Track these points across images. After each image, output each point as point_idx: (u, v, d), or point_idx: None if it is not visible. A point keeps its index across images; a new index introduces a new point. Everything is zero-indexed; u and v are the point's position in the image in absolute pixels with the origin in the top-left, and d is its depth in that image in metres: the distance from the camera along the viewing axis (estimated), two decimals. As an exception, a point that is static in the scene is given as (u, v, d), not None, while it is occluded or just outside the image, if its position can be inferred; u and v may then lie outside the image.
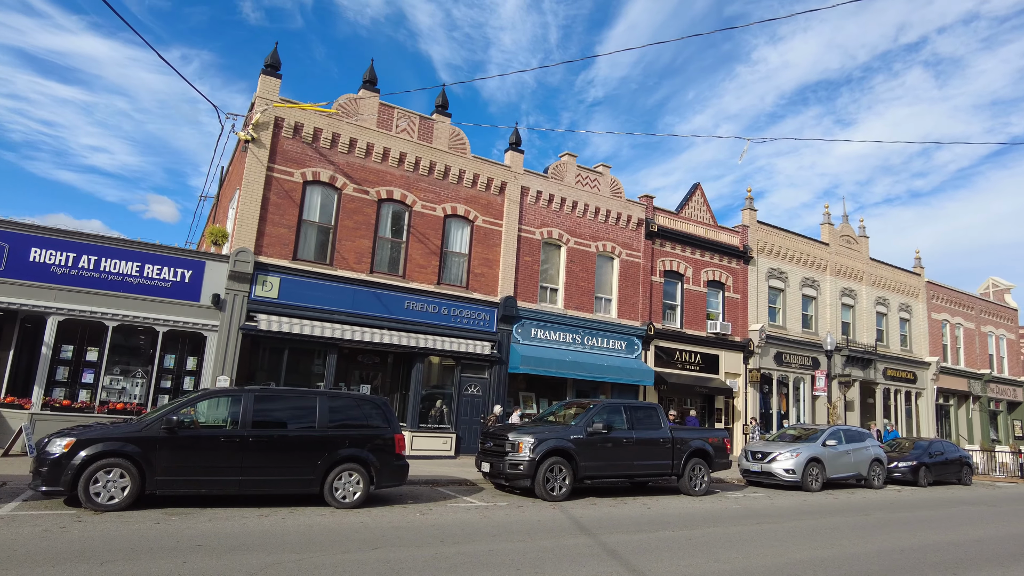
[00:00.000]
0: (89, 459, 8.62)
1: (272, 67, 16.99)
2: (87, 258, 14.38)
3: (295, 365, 16.89)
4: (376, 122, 18.35)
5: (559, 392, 21.18)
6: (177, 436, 9.20)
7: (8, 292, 13.66)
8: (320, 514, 9.50)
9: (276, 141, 16.85)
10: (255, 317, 15.74)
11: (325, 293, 16.88)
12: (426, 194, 19.00)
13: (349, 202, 17.76)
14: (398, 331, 17.65)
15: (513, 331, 19.83)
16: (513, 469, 12.22)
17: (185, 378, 15.47)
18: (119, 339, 14.86)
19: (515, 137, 21.09)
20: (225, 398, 10.16)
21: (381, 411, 11.15)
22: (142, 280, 14.81)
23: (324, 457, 10.14)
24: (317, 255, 17.30)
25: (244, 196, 16.25)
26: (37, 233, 14.11)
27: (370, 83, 18.49)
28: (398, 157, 18.56)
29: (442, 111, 19.63)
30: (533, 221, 20.92)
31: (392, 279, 18.08)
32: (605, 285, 22.53)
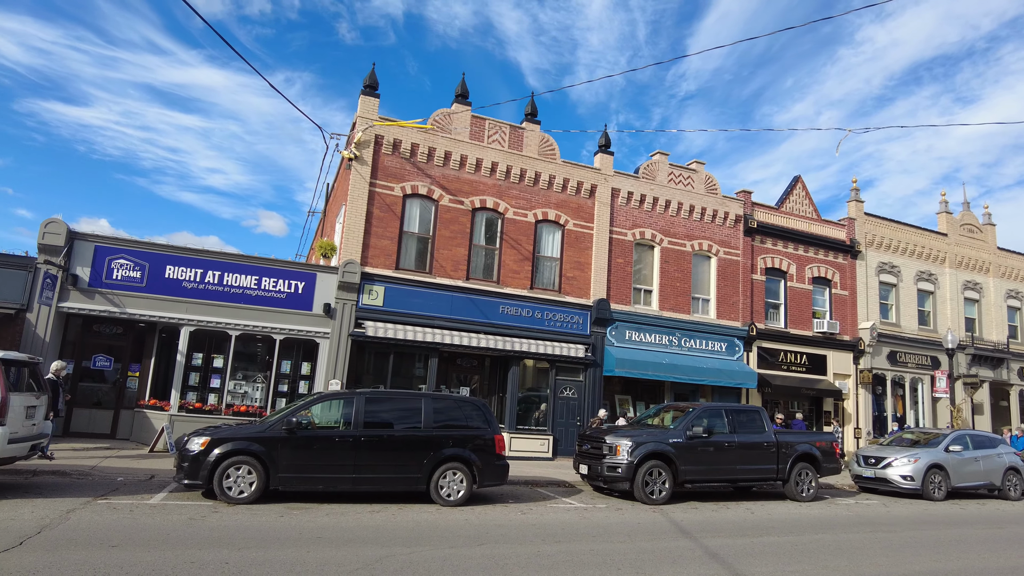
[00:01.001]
0: (221, 456, 9.54)
1: (370, 87, 17.97)
2: (212, 273, 15.80)
3: (399, 368, 17.73)
4: (469, 134, 18.96)
5: (656, 395, 20.94)
6: (296, 436, 9.98)
7: (148, 306, 15.24)
8: (427, 511, 9.99)
9: (377, 158, 17.80)
10: (362, 324, 16.69)
11: (425, 300, 17.63)
12: (517, 201, 19.40)
13: (445, 212, 18.45)
14: (493, 335, 18.11)
15: (607, 334, 19.83)
16: (611, 472, 12.29)
17: (300, 382, 16.63)
18: (241, 347, 16.20)
19: (604, 139, 21.12)
20: (338, 400, 10.90)
21: (481, 412, 11.56)
22: (260, 292, 16.08)
23: (429, 456, 10.65)
24: (417, 264, 18.09)
25: (350, 211, 17.28)
26: (170, 252, 15.66)
27: (462, 96, 19.14)
28: (490, 167, 19.08)
29: (531, 119, 19.98)
30: (625, 222, 20.84)
31: (487, 285, 18.60)
32: (702, 285, 22.07)
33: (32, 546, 6.44)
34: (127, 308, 15.11)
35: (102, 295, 14.97)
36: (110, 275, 15.09)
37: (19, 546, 6.40)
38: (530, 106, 20.08)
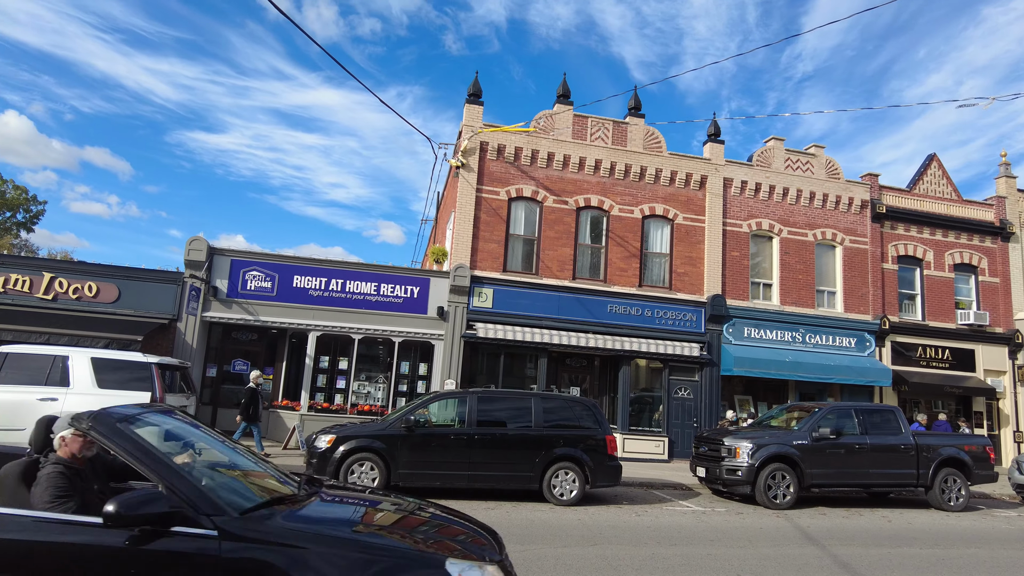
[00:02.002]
0: (346, 453, 10.12)
1: (474, 96, 18.41)
2: (335, 281, 16.81)
3: (511, 368, 18.01)
4: (571, 134, 18.93)
5: (779, 395, 19.87)
6: (414, 434, 10.41)
7: (279, 313, 16.47)
8: (540, 510, 10.07)
9: (482, 164, 18.20)
10: (473, 326, 17.13)
11: (533, 301, 17.79)
12: (623, 197, 19.12)
13: (550, 213, 18.53)
14: (602, 335, 17.94)
15: (723, 331, 19.06)
16: (730, 475, 11.81)
17: (418, 382, 17.32)
18: (364, 349, 17.11)
19: (713, 128, 20.35)
20: (452, 400, 11.26)
21: (591, 412, 11.50)
22: (379, 298, 16.92)
23: (541, 455, 10.73)
24: (524, 265, 18.30)
25: (458, 217, 17.79)
26: (297, 263, 16.84)
27: (564, 97, 19.15)
28: (593, 164, 18.94)
29: (635, 113, 19.63)
30: (739, 214, 19.95)
31: (594, 284, 18.47)
32: (827, 276, 20.69)
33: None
34: (260, 316, 16.41)
35: (239, 304, 16.35)
36: (245, 286, 16.45)
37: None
38: (633, 100, 19.74)
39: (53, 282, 15.44)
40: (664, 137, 19.81)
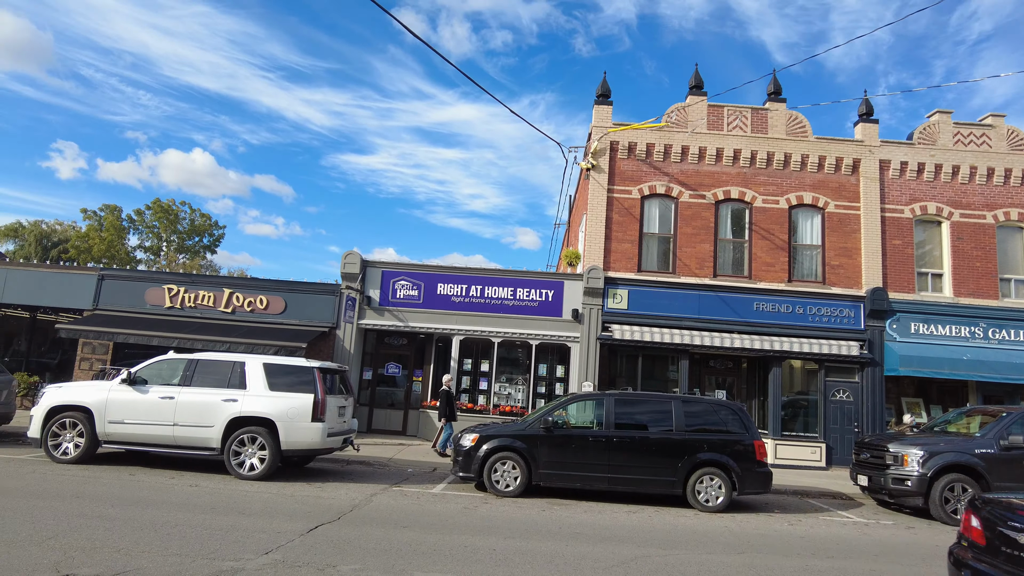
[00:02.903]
0: (489, 452, 10.49)
1: (603, 96, 18.33)
2: (475, 287, 17.47)
3: (650, 371, 17.67)
4: (706, 125, 18.25)
5: (957, 398, 17.75)
6: (553, 435, 10.56)
7: (426, 319, 17.41)
8: (683, 515, 9.81)
9: (613, 164, 18.06)
10: (609, 327, 17.02)
11: (671, 300, 17.33)
12: (766, 188, 18.09)
13: (686, 209, 17.96)
14: (749, 334, 17.06)
15: (886, 327, 17.39)
16: (898, 485, 10.77)
17: (556, 384, 17.52)
18: (503, 352, 17.62)
19: (865, 107, 18.66)
20: (590, 402, 11.30)
21: (738, 417, 11.01)
22: (516, 302, 17.35)
23: (684, 460, 10.45)
24: (660, 264, 17.89)
25: (590, 219, 17.79)
26: (440, 272, 17.72)
27: (696, 88, 18.51)
28: (732, 155, 18.10)
29: (775, 98, 18.51)
30: (899, 198, 18.13)
31: (737, 281, 17.63)
32: (1012, 263, 18.19)
33: (347, 521, 7.79)
34: (409, 322, 17.44)
35: (389, 312, 17.50)
36: (395, 294, 17.57)
37: (338, 520, 7.80)
38: (772, 84, 18.62)
39: (232, 297, 17.48)
40: (809, 121, 18.50)
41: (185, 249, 51.03)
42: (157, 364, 10.95)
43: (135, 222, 50.17)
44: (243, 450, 10.28)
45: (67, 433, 10.65)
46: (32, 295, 18.20)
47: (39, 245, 50.80)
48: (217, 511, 7.79)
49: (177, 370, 10.78)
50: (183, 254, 50.31)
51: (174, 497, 8.48)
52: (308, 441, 10.38)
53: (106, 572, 5.21)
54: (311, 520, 7.64)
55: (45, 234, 52.22)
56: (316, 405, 10.37)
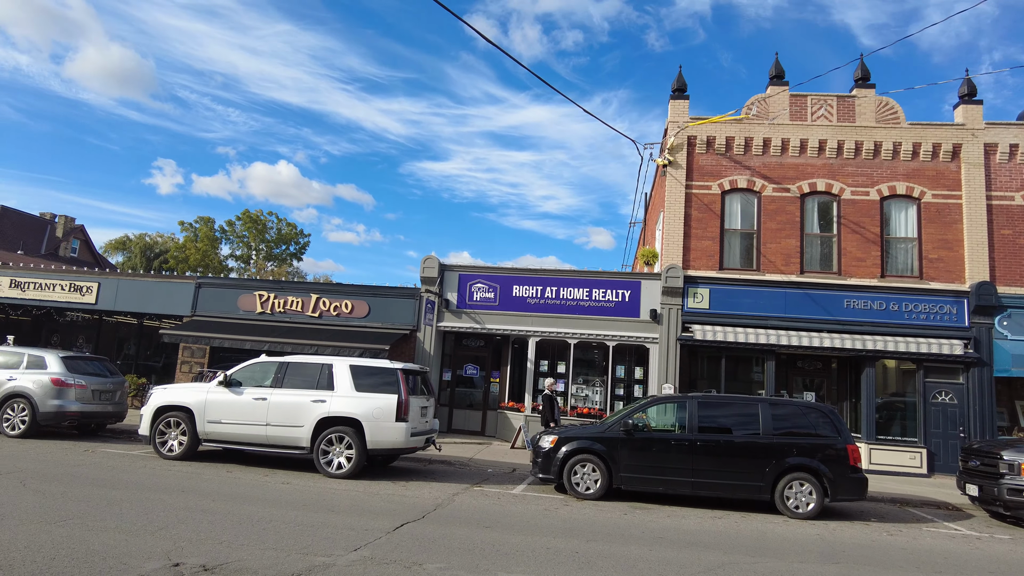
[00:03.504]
0: (568, 454, 10.45)
1: (679, 91, 17.93)
2: (550, 289, 17.46)
3: (732, 372, 17.12)
4: (788, 116, 17.51)
5: (1080, 399, 16.23)
6: (634, 438, 10.40)
7: (502, 321, 17.55)
8: (772, 522, 9.44)
9: (691, 159, 17.62)
10: (689, 328, 16.60)
11: (755, 299, 16.73)
12: (854, 179, 17.16)
13: (769, 203, 17.30)
14: (839, 333, 16.23)
15: (995, 324, 16.12)
16: (1014, 496, 9.97)
17: (634, 386, 17.25)
18: (579, 354, 17.52)
19: (967, 87, 17.38)
20: (671, 404, 11.07)
21: (829, 420, 10.51)
22: (592, 303, 17.21)
23: (771, 465, 10.07)
24: (742, 262, 17.31)
25: (668, 216, 17.42)
26: (515, 274, 17.82)
27: (777, 78, 17.80)
28: (817, 146, 17.29)
29: (863, 83, 17.53)
30: (1008, 184, 16.77)
31: (825, 277, 16.81)
32: None
33: (430, 520, 7.96)
34: (486, 324, 17.63)
35: (467, 314, 17.75)
36: (471, 297, 17.81)
37: (422, 519, 7.97)
38: (860, 70, 17.65)
39: (319, 302, 18.22)
40: (901, 107, 17.42)
41: (273, 257, 53.63)
42: (251, 367, 11.55)
43: (227, 232, 53.18)
44: (331, 449, 10.68)
45: (172, 431, 11.40)
46: (139, 303, 19.60)
47: (143, 256, 54.68)
48: (308, 508, 8.12)
49: (269, 372, 11.33)
50: (271, 262, 52.90)
51: (268, 494, 8.91)
52: (393, 440, 10.67)
53: (211, 563, 5.53)
54: (396, 518, 7.85)
55: (148, 246, 56.17)
56: (400, 405, 10.65)
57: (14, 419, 12.94)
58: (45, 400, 12.92)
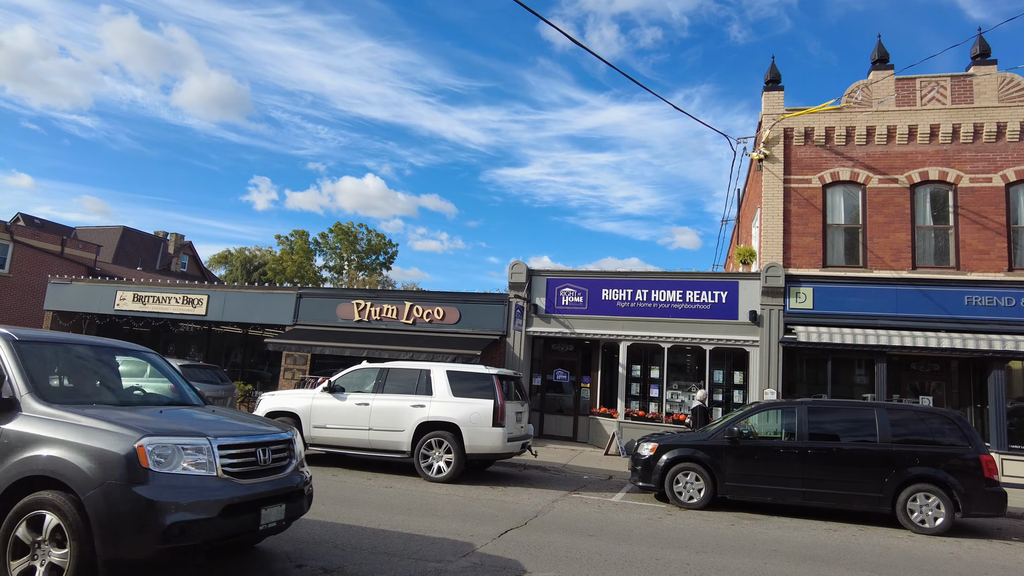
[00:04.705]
0: (670, 462, 10.14)
1: (773, 82, 17.16)
2: (641, 291, 17.09)
3: (836, 376, 16.14)
4: (895, 101, 16.38)
5: None
6: (739, 445, 9.97)
7: (591, 325, 17.35)
8: (894, 536, 8.79)
9: (788, 152, 16.81)
10: (792, 330, 15.79)
11: (862, 298, 15.72)
12: (973, 165, 15.82)
13: (875, 196, 16.23)
14: (959, 332, 14.97)
15: None
16: None
17: (733, 391, 16.59)
18: (673, 358, 17.04)
19: (1106, 60, 15.68)
20: (777, 410, 10.54)
21: (956, 426, 9.69)
22: (685, 305, 16.71)
23: (891, 475, 9.39)
24: (848, 259, 16.31)
25: (765, 213, 16.67)
26: (603, 277, 17.57)
27: (880, 62, 16.70)
28: (928, 132, 16.08)
29: (981, 60, 16.15)
30: None
31: (941, 272, 15.57)
32: None
33: (533, 527, 7.90)
34: (575, 328, 17.48)
35: (556, 319, 17.66)
36: (559, 302, 17.71)
37: (525, 525, 7.93)
38: (978, 46, 16.27)
39: (411, 309, 18.65)
40: (1028, 83, 15.91)
41: (364, 267, 55.57)
42: (353, 373, 11.93)
43: (320, 244, 55.55)
44: (431, 453, 10.85)
45: (281, 435, 11.93)
46: (244, 313, 20.73)
47: (243, 269, 58.02)
48: (413, 512, 8.25)
49: (370, 378, 11.67)
50: (362, 271, 54.85)
51: (373, 497, 9.13)
52: (490, 445, 10.72)
53: (329, 566, 5.69)
54: (499, 524, 7.84)
55: (248, 259, 59.55)
56: (496, 410, 10.69)
57: (141, 423, 13.93)
58: (167, 405, 13.87)
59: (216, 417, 5.53)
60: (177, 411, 5.58)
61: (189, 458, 4.54)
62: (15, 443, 4.49)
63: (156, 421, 4.87)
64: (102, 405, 5.10)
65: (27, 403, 4.66)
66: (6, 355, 4.92)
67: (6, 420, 4.61)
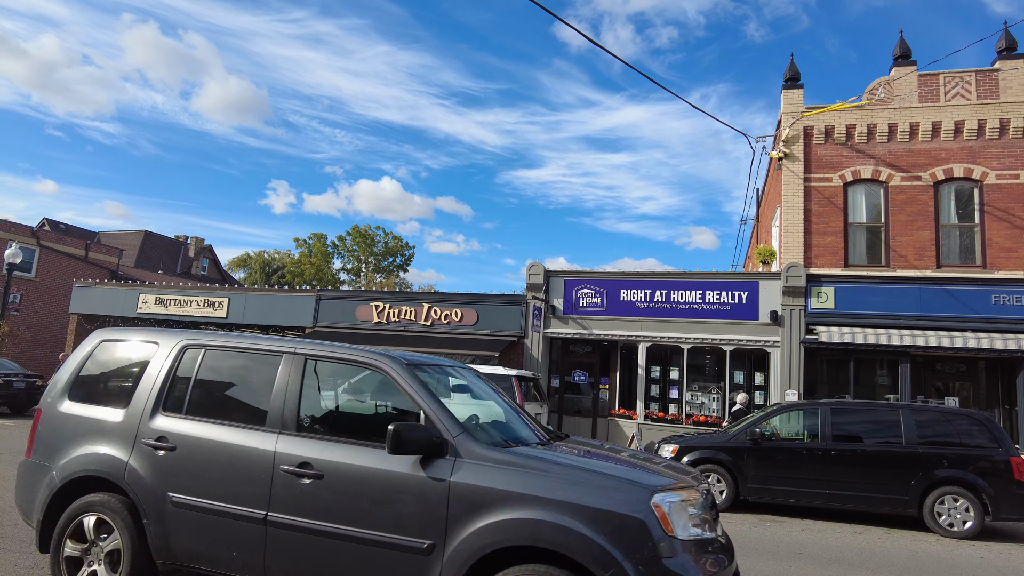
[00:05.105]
0: (691, 464, 10.06)
1: (792, 79, 17.00)
2: (659, 292, 17.00)
3: (858, 376, 15.92)
4: (917, 98, 16.15)
5: None
6: (761, 447, 9.88)
7: (610, 326, 17.28)
8: (922, 540, 8.66)
9: (808, 151, 16.63)
10: (814, 330, 15.61)
11: (885, 297, 15.50)
12: (999, 161, 15.55)
13: (898, 194, 16.01)
14: (986, 332, 14.71)
15: None
16: None
17: (754, 392, 16.43)
18: (693, 359, 16.92)
19: None
20: (799, 412, 10.42)
21: (985, 428, 9.52)
22: (705, 305, 16.58)
23: (917, 477, 9.24)
24: (870, 258, 16.11)
25: (786, 212, 16.51)
26: (622, 278, 17.50)
27: (903, 57, 16.47)
28: (952, 128, 15.82)
29: (1008, 55, 15.85)
30: None
31: (967, 271, 15.32)
32: None
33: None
34: (593, 329, 17.43)
35: (574, 320, 17.63)
36: (577, 303, 17.67)
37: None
38: (1003, 40, 15.98)
39: (429, 311, 18.72)
40: (1056, 77, 15.60)
41: (381, 269, 55.89)
42: (372, 375, 11.98)
43: (338, 247, 55.96)
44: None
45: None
46: (265, 315, 20.94)
47: (262, 272, 58.61)
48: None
49: (389, 380, 11.70)
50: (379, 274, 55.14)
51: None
52: (509, 448, 10.68)
53: None
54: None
55: (267, 262, 60.15)
56: (515, 413, 10.66)
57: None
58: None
59: (627, 456, 4.47)
60: (583, 447, 4.48)
61: (692, 516, 3.50)
62: (470, 500, 3.46)
63: (626, 467, 3.86)
64: (522, 444, 4.11)
65: (464, 446, 3.64)
66: (412, 385, 3.97)
67: (444, 469, 3.59)
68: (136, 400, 4.47)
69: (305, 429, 4.08)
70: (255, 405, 4.28)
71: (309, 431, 4.08)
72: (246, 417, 4.25)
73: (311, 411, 4.26)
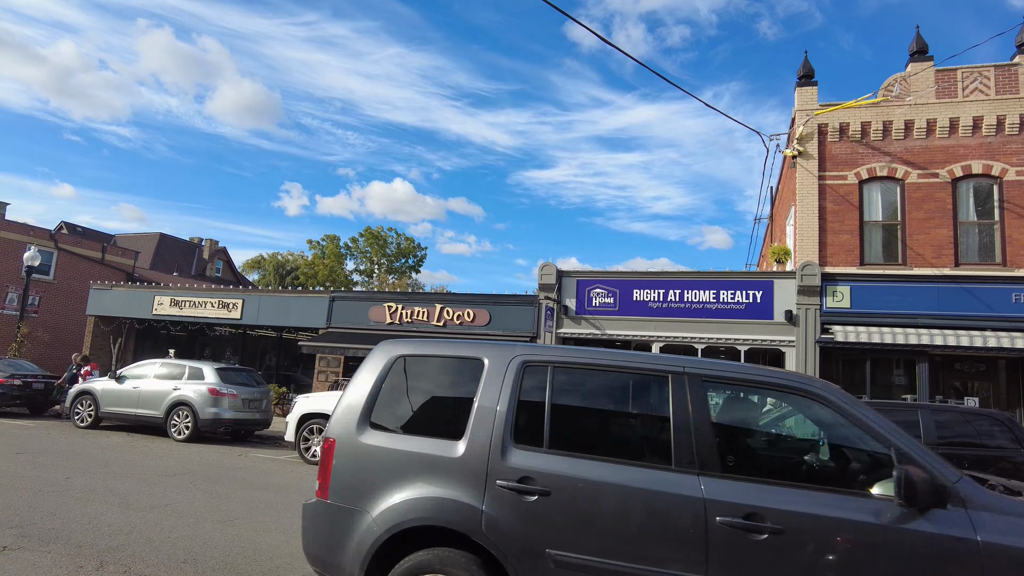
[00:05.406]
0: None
1: (806, 77, 16.84)
2: (673, 292, 16.90)
3: (875, 376, 15.73)
4: (934, 94, 15.93)
5: None
6: (777, 448, 9.75)
7: (623, 327, 17.20)
8: (944, 542, 8.49)
9: (823, 148, 16.47)
10: (829, 329, 15.45)
11: (902, 296, 15.30)
12: (1020, 157, 15.30)
13: (914, 191, 15.80)
14: (1006, 331, 14.49)
15: None
16: None
17: (768, 392, 16.25)
18: (706, 359, 16.77)
19: None
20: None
21: (1007, 429, 9.35)
22: (719, 305, 16.46)
23: (937, 478, 9.08)
24: (886, 256, 15.91)
25: (800, 210, 16.35)
26: (635, 278, 17.41)
27: (919, 53, 16.26)
28: (970, 124, 15.60)
29: (1027, 50, 15.64)
30: None
31: (987, 269, 15.09)
32: None
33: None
34: (606, 330, 17.35)
35: (587, 320, 17.56)
36: (590, 303, 17.60)
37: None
38: (1023, 34, 15.75)
39: (442, 311, 18.73)
40: (1077, 72, 15.34)
41: (393, 270, 56.06)
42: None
43: (351, 249, 56.20)
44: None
45: (315, 438, 12.06)
46: (278, 317, 21.06)
47: (276, 273, 58.98)
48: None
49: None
50: (392, 275, 55.32)
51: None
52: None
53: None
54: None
55: (280, 264, 60.53)
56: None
57: (180, 425, 14.24)
58: (204, 408, 14.12)
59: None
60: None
61: None
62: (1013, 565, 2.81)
63: None
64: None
65: (970, 493, 3.06)
66: (871, 418, 3.38)
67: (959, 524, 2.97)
68: (475, 431, 3.60)
69: (732, 470, 3.30)
70: (643, 437, 3.61)
71: (736, 472, 3.30)
72: (631, 453, 3.53)
73: (729, 447, 3.52)
